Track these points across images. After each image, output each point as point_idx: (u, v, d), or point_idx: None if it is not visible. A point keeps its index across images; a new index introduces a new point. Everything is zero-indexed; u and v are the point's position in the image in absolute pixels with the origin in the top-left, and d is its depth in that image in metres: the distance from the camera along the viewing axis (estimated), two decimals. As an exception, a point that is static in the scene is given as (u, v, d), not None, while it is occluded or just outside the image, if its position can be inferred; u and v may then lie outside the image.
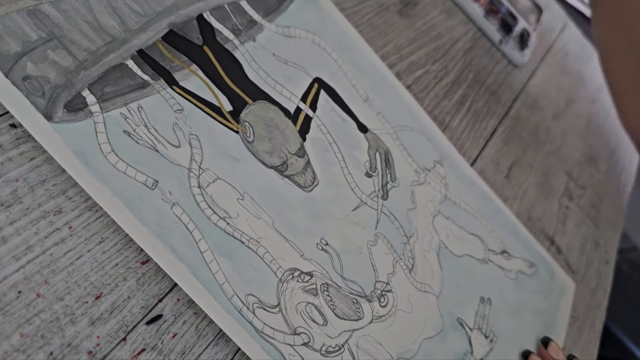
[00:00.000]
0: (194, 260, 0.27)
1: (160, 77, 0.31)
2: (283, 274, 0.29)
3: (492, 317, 0.37)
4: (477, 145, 0.48)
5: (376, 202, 0.36)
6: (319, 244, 0.32)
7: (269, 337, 0.27)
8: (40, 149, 0.25)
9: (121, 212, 0.26)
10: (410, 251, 0.36)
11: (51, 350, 0.22)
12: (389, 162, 0.38)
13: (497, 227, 0.43)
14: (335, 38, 0.40)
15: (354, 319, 0.31)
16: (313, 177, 0.34)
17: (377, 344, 0.31)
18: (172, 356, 0.25)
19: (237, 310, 0.27)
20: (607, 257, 0.55)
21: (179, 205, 0.28)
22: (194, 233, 0.27)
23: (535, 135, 0.56)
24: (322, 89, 0.38)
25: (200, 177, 0.29)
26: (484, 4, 0.59)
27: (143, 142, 0.28)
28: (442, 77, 0.49)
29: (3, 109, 0.25)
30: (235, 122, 0.32)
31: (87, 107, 0.27)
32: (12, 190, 0.24)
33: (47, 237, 0.24)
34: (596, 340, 0.46)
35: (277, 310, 0.28)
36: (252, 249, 0.29)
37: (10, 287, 0.22)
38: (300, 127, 0.35)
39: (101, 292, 0.24)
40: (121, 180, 0.26)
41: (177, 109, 0.30)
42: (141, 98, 0.29)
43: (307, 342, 0.28)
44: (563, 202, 0.53)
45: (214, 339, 0.26)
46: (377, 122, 0.40)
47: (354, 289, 0.32)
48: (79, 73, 0.28)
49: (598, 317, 0.48)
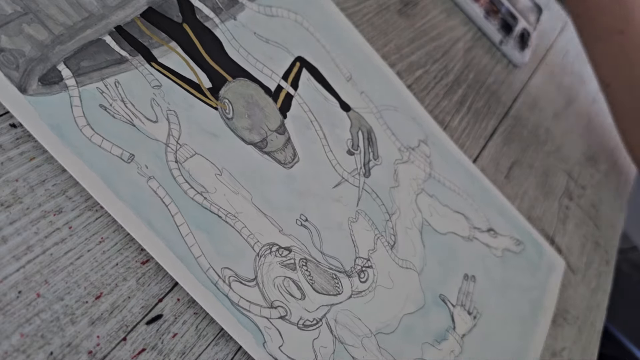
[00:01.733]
0: (170, 233, 0.27)
1: (138, 54, 0.31)
2: (261, 248, 0.30)
3: (476, 294, 0.38)
4: (477, 145, 0.48)
5: (358, 179, 0.36)
6: (299, 219, 0.32)
7: (245, 310, 0.27)
8: (41, 149, 0.25)
9: (96, 185, 0.26)
10: (392, 228, 0.36)
11: (51, 350, 0.22)
12: (371, 141, 0.38)
13: (484, 205, 0.43)
14: (318, 18, 0.40)
15: (333, 293, 0.31)
16: (293, 154, 0.34)
17: (356, 319, 0.31)
18: (172, 356, 0.25)
19: (212, 283, 0.27)
20: (607, 257, 0.55)
21: (155, 179, 0.28)
22: (170, 207, 0.28)
23: (536, 135, 0.56)
24: (304, 68, 0.38)
25: (178, 152, 0.29)
26: (484, 4, 0.59)
27: (120, 116, 0.28)
28: (442, 77, 0.50)
29: (3, 109, 0.25)
30: (214, 99, 0.32)
31: (62, 81, 0.27)
32: (12, 190, 0.24)
33: (47, 237, 0.24)
34: (596, 340, 0.46)
35: (253, 283, 0.28)
36: (230, 223, 0.29)
37: (11, 287, 0.22)
38: (281, 105, 0.35)
39: (101, 292, 0.24)
40: (96, 154, 0.26)
41: (155, 85, 0.31)
42: (118, 73, 0.30)
43: (284, 315, 0.28)
44: (563, 202, 0.53)
45: (214, 339, 0.27)
46: (361, 101, 0.39)
47: (333, 265, 0.32)
48: (55, 47, 0.28)
49: (598, 317, 0.48)
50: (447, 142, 0.44)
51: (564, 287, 0.46)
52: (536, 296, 0.41)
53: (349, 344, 0.30)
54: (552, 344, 0.41)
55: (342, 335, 0.30)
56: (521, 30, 0.62)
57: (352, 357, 0.30)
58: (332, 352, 0.29)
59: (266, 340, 0.27)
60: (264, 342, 0.27)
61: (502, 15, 0.61)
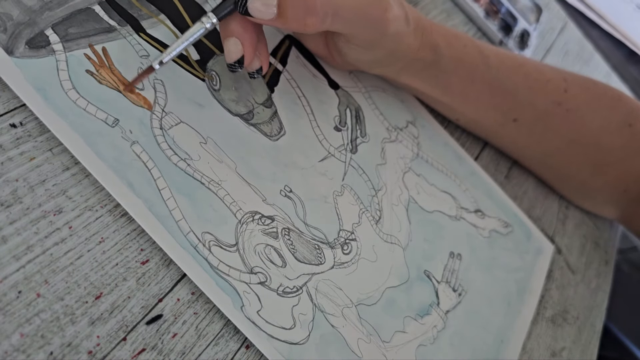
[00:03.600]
0: (151, 196, 0.27)
1: (127, 24, 0.31)
2: (243, 215, 0.30)
3: (461, 272, 0.38)
4: (477, 144, 0.48)
5: (344, 154, 0.36)
6: (283, 190, 0.32)
7: (224, 274, 0.27)
8: (41, 148, 0.26)
9: (78, 146, 0.26)
10: (377, 204, 0.36)
11: (51, 350, 0.22)
12: (359, 118, 0.39)
13: (471, 187, 0.43)
14: (310, -2, 0.41)
15: (315, 263, 0.31)
16: (280, 127, 0.34)
17: (337, 289, 0.31)
18: (172, 356, 0.25)
19: (192, 246, 0.27)
20: (607, 257, 0.54)
21: (138, 144, 0.28)
22: (153, 171, 0.28)
23: None
24: (293, 46, 0.38)
25: (163, 120, 0.30)
26: (484, 4, 0.60)
27: (106, 82, 0.29)
28: None
29: (3, 108, 0.26)
30: (201, 71, 0.33)
31: (49, 45, 0.28)
32: (12, 190, 0.24)
33: (47, 237, 0.24)
34: (596, 340, 0.46)
35: (234, 249, 0.29)
36: (212, 190, 0.29)
37: (11, 287, 0.23)
38: (269, 79, 0.35)
39: (101, 292, 0.25)
40: (81, 116, 0.27)
41: (143, 54, 0.31)
42: (106, 42, 0.30)
43: (263, 281, 0.29)
44: (563, 202, 0.53)
45: (214, 339, 0.27)
46: (350, 80, 0.40)
47: (316, 235, 0.32)
48: (43, 13, 0.28)
49: (598, 317, 0.48)
50: (435, 125, 0.44)
51: (563, 287, 0.46)
52: (523, 277, 0.41)
53: (329, 312, 0.30)
54: (552, 344, 0.41)
55: (322, 304, 0.30)
56: (521, 31, 0.63)
57: (331, 326, 0.30)
58: (311, 319, 0.29)
59: (244, 304, 0.27)
60: (241, 306, 0.27)
61: (502, 16, 0.61)
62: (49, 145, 0.26)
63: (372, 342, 0.31)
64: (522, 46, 0.61)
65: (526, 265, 0.42)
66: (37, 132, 0.26)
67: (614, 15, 0.94)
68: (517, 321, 0.39)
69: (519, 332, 0.38)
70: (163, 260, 0.27)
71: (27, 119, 0.26)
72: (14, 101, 0.26)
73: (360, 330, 0.31)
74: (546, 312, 0.43)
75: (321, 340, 0.29)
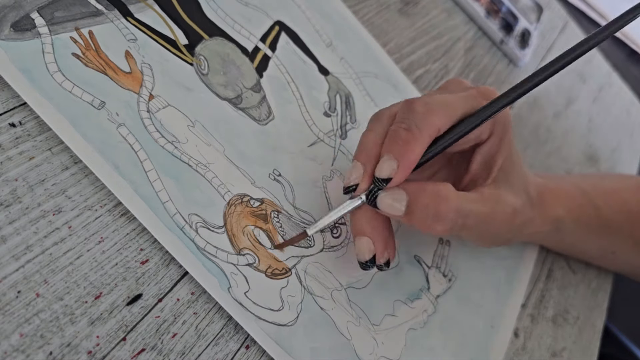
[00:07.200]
0: (137, 178, 0.27)
1: (114, 8, 0.31)
2: (231, 198, 0.30)
3: (451, 258, 0.38)
4: None
5: (334, 140, 0.36)
6: (272, 174, 0.32)
7: (211, 255, 0.27)
8: (40, 148, 0.26)
9: (65, 128, 0.26)
10: (367, 189, 0.36)
11: (51, 350, 0.22)
12: (349, 104, 0.39)
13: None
14: (300, -15, 0.41)
15: (304, 246, 0.31)
16: (268, 111, 0.34)
17: (327, 272, 0.31)
18: (171, 356, 0.25)
19: (179, 228, 0.27)
20: None
21: (125, 127, 0.28)
22: (139, 153, 0.28)
23: (536, 135, 0.56)
24: (282, 32, 0.38)
25: (150, 103, 0.30)
26: (485, 3, 0.59)
27: (92, 65, 0.29)
28: (443, 76, 0.50)
29: (2, 108, 0.26)
30: (190, 55, 0.33)
31: (35, 29, 0.28)
32: (12, 189, 0.24)
33: (47, 236, 0.24)
34: (597, 341, 0.46)
35: (222, 230, 0.29)
36: (200, 172, 0.29)
37: (10, 286, 0.23)
38: (258, 65, 0.35)
39: (101, 292, 0.24)
40: (66, 98, 0.27)
41: (131, 38, 0.31)
42: (93, 25, 0.30)
43: (251, 263, 0.29)
44: None
45: (213, 339, 0.27)
46: (340, 66, 0.40)
47: (306, 219, 0.32)
48: (29, -4, 0.28)
49: (598, 317, 0.47)
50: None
51: (564, 287, 0.46)
52: (512, 264, 0.41)
53: (318, 295, 0.30)
54: (552, 344, 0.41)
55: (311, 286, 0.30)
56: (522, 30, 0.62)
57: (320, 308, 0.30)
58: (300, 301, 0.29)
59: (231, 285, 0.27)
60: (229, 287, 0.27)
61: (502, 15, 0.61)
62: (49, 144, 0.26)
63: (361, 325, 0.31)
64: (522, 45, 0.61)
65: (514, 254, 0.42)
66: (36, 132, 0.26)
67: (615, 14, 0.94)
68: (506, 308, 0.39)
69: (509, 318, 0.38)
70: (163, 260, 0.27)
71: (26, 118, 0.26)
72: (13, 100, 0.26)
73: (350, 313, 0.31)
74: (547, 312, 0.42)
75: (310, 322, 0.29)
